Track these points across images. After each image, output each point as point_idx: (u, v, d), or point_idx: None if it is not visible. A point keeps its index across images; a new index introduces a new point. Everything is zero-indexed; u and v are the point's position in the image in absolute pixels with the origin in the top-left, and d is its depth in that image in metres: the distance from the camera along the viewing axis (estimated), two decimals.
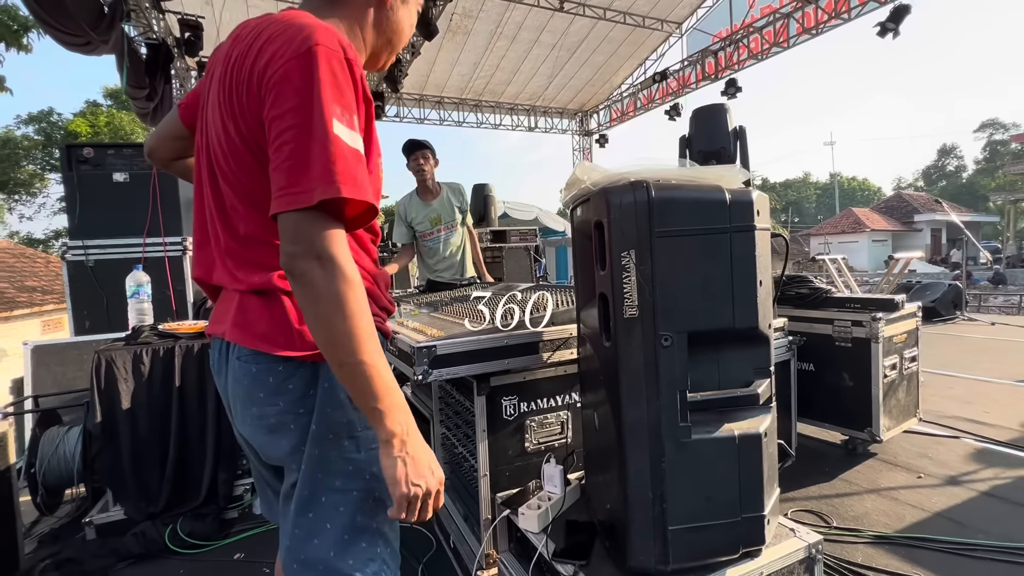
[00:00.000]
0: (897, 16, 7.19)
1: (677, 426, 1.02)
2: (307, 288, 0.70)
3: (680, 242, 1.01)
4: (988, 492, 2.23)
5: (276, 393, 0.82)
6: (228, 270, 0.86)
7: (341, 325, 0.69)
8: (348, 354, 0.70)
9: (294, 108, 0.71)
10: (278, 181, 0.72)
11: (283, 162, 0.71)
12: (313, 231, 0.70)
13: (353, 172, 0.72)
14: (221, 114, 0.80)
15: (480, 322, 1.65)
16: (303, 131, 0.70)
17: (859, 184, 51.28)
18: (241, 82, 0.77)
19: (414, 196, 3.27)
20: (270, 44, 0.74)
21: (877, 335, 2.47)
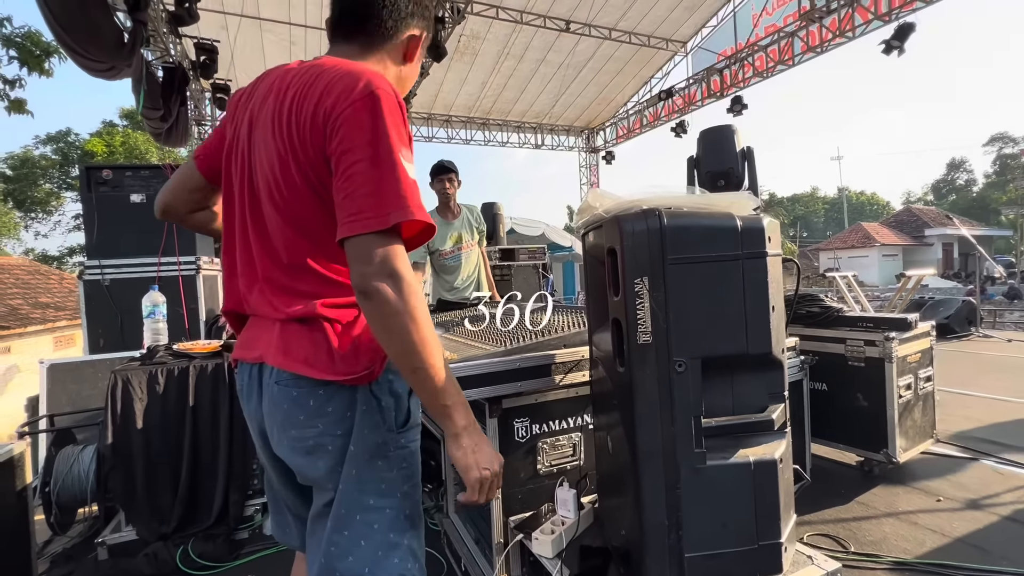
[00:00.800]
0: (902, 34, 7.24)
1: (692, 452, 1.02)
2: (382, 304, 0.76)
3: (693, 269, 1.02)
4: (1010, 517, 2.18)
5: (316, 415, 0.86)
6: (266, 298, 0.91)
7: (415, 335, 0.77)
8: (421, 360, 0.78)
9: (365, 144, 0.79)
10: (350, 207, 0.79)
11: (356, 189, 0.78)
12: (387, 252, 0.77)
13: (418, 198, 0.81)
14: (278, 148, 0.86)
15: (496, 344, 1.66)
16: (375, 163, 0.79)
17: (867, 199, 51.06)
18: (304, 120, 0.83)
19: (435, 215, 3.32)
20: (334, 86, 0.82)
21: (891, 355, 2.45)
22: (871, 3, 7.65)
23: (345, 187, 0.79)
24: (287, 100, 0.86)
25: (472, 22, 9.28)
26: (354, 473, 0.86)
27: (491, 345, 1.64)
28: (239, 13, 8.37)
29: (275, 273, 0.89)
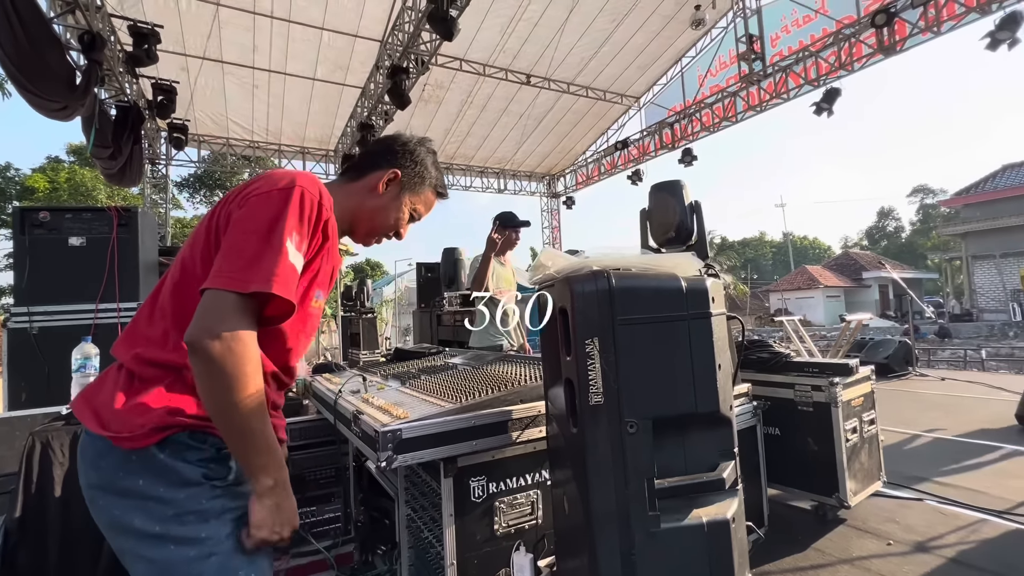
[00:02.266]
0: (830, 97, 7.98)
1: (646, 515, 1.01)
2: (204, 361, 0.82)
3: (641, 329, 1.04)
4: (954, 558, 2.25)
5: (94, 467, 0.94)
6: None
7: (229, 396, 0.83)
8: (232, 421, 0.85)
9: (263, 219, 0.89)
10: (222, 263, 0.86)
11: (234, 250, 0.87)
12: (230, 313, 0.83)
13: (288, 279, 0.88)
14: (204, 225, 0.98)
15: (449, 400, 1.62)
16: (262, 237, 0.87)
17: (810, 243, 54.50)
18: (230, 199, 0.95)
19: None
20: (262, 177, 0.97)
21: (836, 399, 2.55)
22: (802, 70, 8.44)
23: (226, 243, 0.88)
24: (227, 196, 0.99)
25: (436, 72, 9.59)
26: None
27: (447, 400, 1.60)
28: (201, 56, 8.36)
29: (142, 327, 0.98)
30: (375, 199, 1.21)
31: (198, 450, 0.92)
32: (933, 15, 6.72)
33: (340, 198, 1.14)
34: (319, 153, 11.70)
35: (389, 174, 1.21)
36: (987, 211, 22.33)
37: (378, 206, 1.22)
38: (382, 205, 1.22)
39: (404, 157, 1.24)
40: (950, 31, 6.77)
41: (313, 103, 9.98)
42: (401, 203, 1.24)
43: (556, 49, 9.44)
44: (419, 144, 1.30)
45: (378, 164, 1.22)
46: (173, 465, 0.89)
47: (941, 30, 6.79)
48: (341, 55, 8.74)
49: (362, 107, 9.35)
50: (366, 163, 1.23)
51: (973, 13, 6.47)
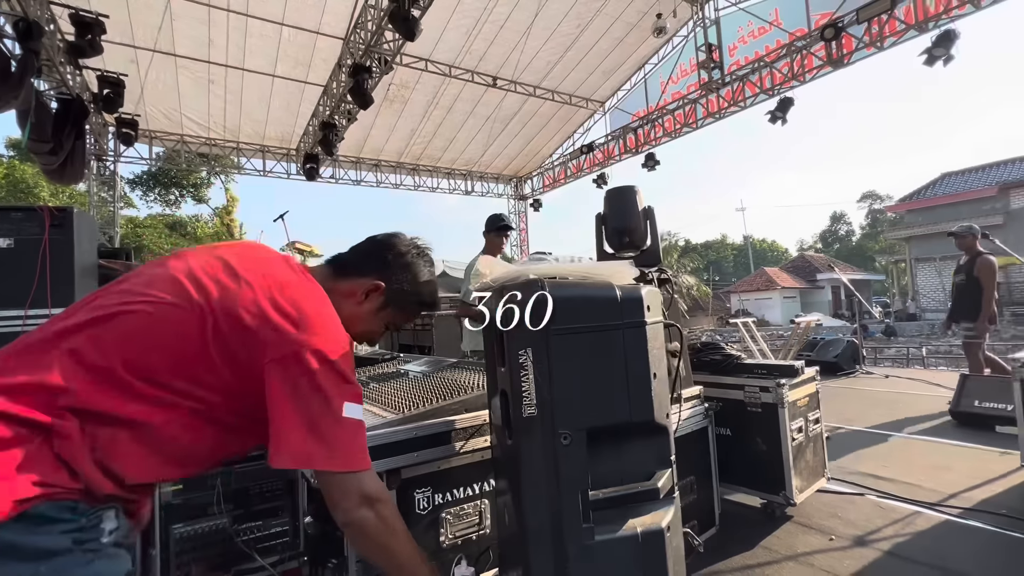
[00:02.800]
0: (783, 106, 8.29)
1: (580, 528, 1.00)
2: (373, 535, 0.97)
3: (575, 339, 1.03)
4: (890, 551, 2.35)
5: None
6: None
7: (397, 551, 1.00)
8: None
9: (314, 392, 0.89)
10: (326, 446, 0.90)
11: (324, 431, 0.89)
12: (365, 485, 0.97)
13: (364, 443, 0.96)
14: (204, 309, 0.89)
15: (393, 410, 1.58)
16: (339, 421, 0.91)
17: (769, 246, 56.54)
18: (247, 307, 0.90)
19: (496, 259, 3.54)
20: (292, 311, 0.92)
21: (783, 400, 2.63)
22: (758, 79, 8.74)
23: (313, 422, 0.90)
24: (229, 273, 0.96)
25: (401, 72, 9.47)
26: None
27: (391, 411, 1.56)
28: (151, 48, 7.98)
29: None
30: (351, 306, 1.11)
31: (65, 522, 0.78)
32: (876, 31, 7.08)
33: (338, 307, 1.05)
34: (280, 152, 11.36)
35: (371, 285, 1.12)
36: (928, 216, 23.69)
37: (352, 315, 1.11)
38: (357, 315, 1.12)
39: (394, 269, 1.15)
40: (892, 46, 7.14)
41: (273, 100, 9.68)
42: (378, 317, 1.16)
43: (522, 52, 9.47)
44: (416, 254, 1.19)
45: (363, 270, 1.13)
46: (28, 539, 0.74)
47: (884, 45, 7.16)
48: (302, 52, 8.51)
49: (324, 105, 9.13)
50: (353, 263, 1.15)
51: (912, 30, 6.84)
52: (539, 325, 1.01)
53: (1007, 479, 3.07)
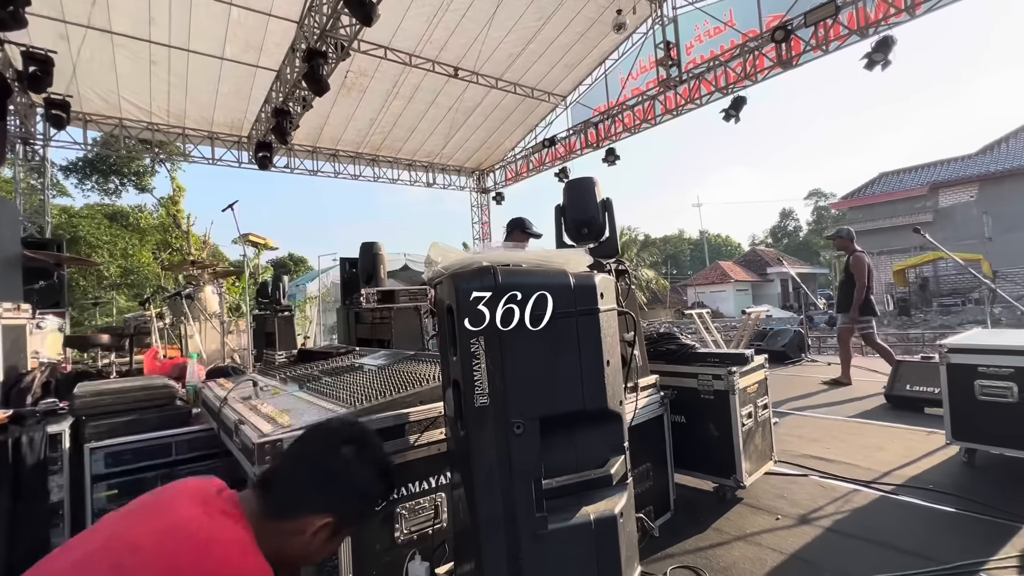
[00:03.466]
0: (736, 105, 8.58)
1: (533, 517, 0.99)
2: None
3: (529, 327, 1.02)
4: (831, 528, 2.48)
5: None
6: None
7: None
8: None
9: None
10: None
11: None
12: None
13: None
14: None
15: (345, 404, 1.53)
16: None
17: (723, 240, 58.61)
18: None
19: None
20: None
21: (734, 387, 2.72)
22: (713, 78, 8.99)
23: None
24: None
25: (359, 59, 9.19)
26: None
27: (342, 405, 1.51)
28: (84, 24, 7.41)
29: None
30: (300, 544, 0.99)
31: None
32: (822, 35, 7.41)
33: (260, 532, 0.94)
34: (230, 139, 10.83)
35: (320, 523, 0.97)
36: (867, 213, 25.16)
37: (304, 551, 1.00)
38: (309, 550, 1.00)
39: (341, 496, 0.99)
40: (836, 50, 7.49)
41: (222, 84, 9.20)
42: (333, 541, 1.03)
43: (483, 43, 9.37)
44: (357, 461, 1.01)
45: (305, 507, 0.97)
46: None
47: (829, 49, 7.50)
48: (253, 34, 8.11)
49: (277, 91, 8.75)
50: (291, 500, 0.99)
51: (855, 35, 7.19)
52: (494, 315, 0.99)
53: (933, 456, 3.30)
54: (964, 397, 3.05)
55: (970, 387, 3.02)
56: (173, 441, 2.14)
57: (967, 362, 3.04)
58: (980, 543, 2.22)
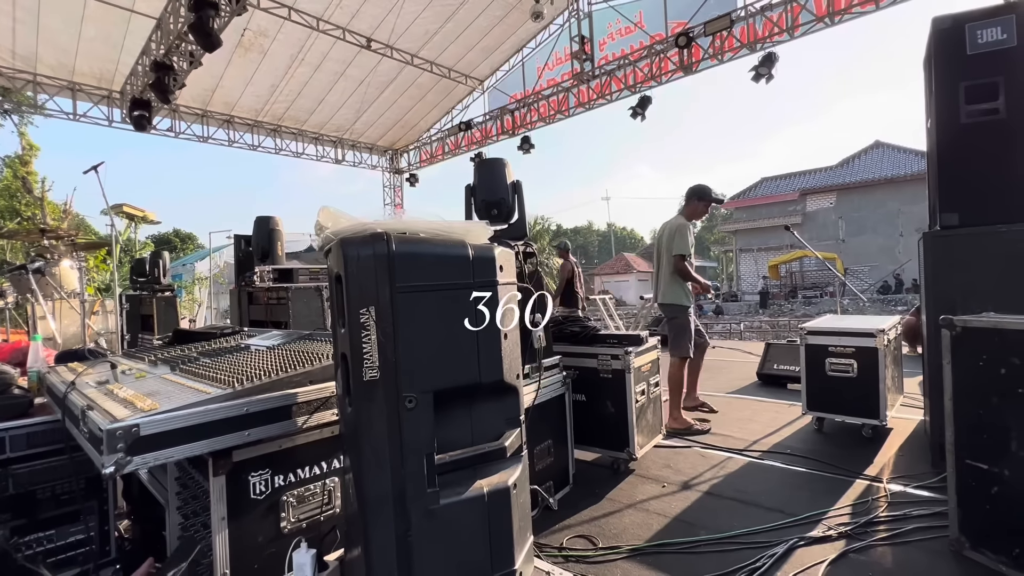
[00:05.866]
0: (643, 103, 9.06)
1: (424, 493, 0.97)
2: None
3: (423, 298, 0.98)
4: (709, 491, 2.75)
5: None
6: None
7: None
8: None
9: None
10: None
11: None
12: None
13: None
14: None
15: (221, 385, 1.38)
16: None
17: (628, 234, 62.26)
18: None
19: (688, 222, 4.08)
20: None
21: (629, 366, 2.89)
22: (623, 75, 9.40)
23: None
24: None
25: (260, 17, 8.37)
26: None
27: (217, 386, 1.36)
28: None
29: None
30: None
31: None
32: (719, 45, 8.03)
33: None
34: (98, 93, 9.38)
35: None
36: (750, 214, 28.05)
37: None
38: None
39: None
40: (730, 60, 8.17)
41: (86, 27, 7.90)
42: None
43: (399, 16, 8.95)
44: None
45: None
46: None
47: (724, 59, 8.16)
48: None
49: (157, 43, 7.68)
50: None
51: (745, 49, 7.89)
52: (383, 282, 0.94)
53: (792, 425, 3.78)
54: (817, 373, 3.51)
55: (822, 364, 3.48)
56: (6, 436, 1.82)
57: (820, 343, 3.49)
58: (824, 496, 2.58)
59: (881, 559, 2.03)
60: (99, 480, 2.04)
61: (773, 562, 2.02)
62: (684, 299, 3.95)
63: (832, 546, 2.12)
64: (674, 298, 3.95)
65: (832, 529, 2.25)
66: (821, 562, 2.00)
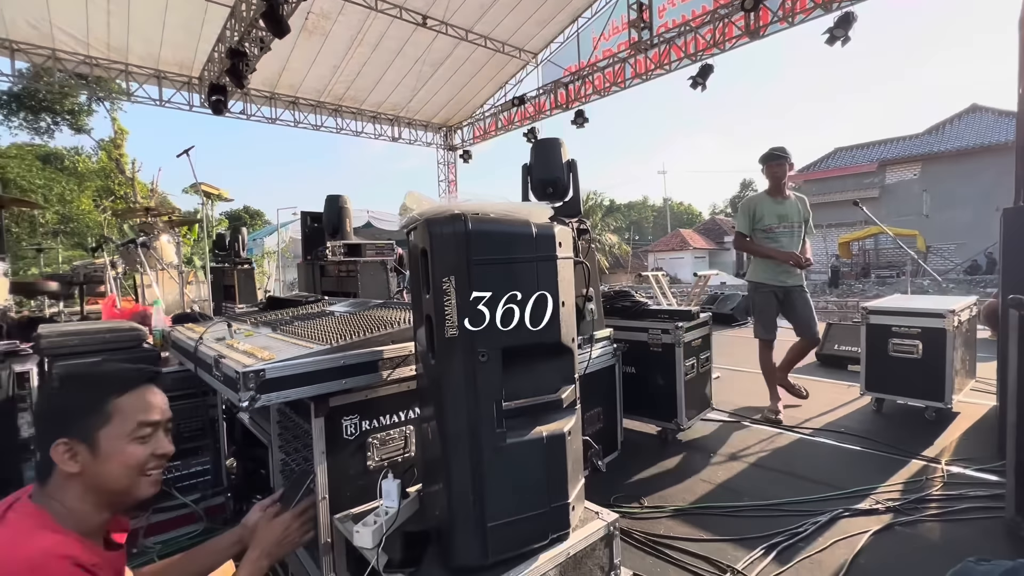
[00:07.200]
0: (704, 72, 8.69)
1: (493, 433, 1.15)
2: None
3: (494, 269, 1.14)
4: (756, 463, 2.82)
5: None
6: None
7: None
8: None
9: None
10: None
11: None
12: None
13: None
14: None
15: (320, 342, 1.63)
16: None
17: (685, 208, 59.98)
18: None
19: (764, 195, 3.69)
20: None
21: (679, 341, 2.97)
22: (683, 43, 9.03)
23: None
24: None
25: (321, 1, 8.70)
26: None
27: (317, 343, 1.61)
28: None
29: None
30: (74, 482, 0.96)
31: None
32: (789, 6, 7.54)
33: (51, 504, 0.94)
34: (179, 79, 10.13)
35: (58, 453, 0.95)
36: (821, 187, 26.24)
37: (89, 484, 0.97)
38: (90, 480, 0.97)
39: (61, 420, 0.97)
40: (801, 23, 7.66)
41: (169, 17, 8.53)
42: (91, 457, 0.97)
43: None
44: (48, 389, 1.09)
45: (45, 454, 0.96)
46: None
47: (795, 21, 7.66)
48: None
49: (232, 30, 8.20)
50: (39, 459, 0.98)
51: (819, 9, 7.37)
52: (461, 255, 1.11)
53: (849, 406, 3.73)
54: (878, 353, 3.43)
55: (884, 344, 3.40)
56: None
57: (883, 322, 3.40)
58: (876, 474, 2.59)
59: (928, 533, 2.06)
60: (213, 423, 2.41)
61: (816, 529, 2.10)
62: (758, 275, 3.65)
63: (878, 519, 2.17)
64: (750, 275, 3.74)
65: (880, 503, 2.28)
66: (864, 532, 2.05)
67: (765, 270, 3.60)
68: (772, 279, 3.58)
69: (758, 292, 3.66)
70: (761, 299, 3.64)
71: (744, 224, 3.68)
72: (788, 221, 3.58)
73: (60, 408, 0.99)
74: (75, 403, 0.99)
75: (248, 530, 1.27)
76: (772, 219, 3.58)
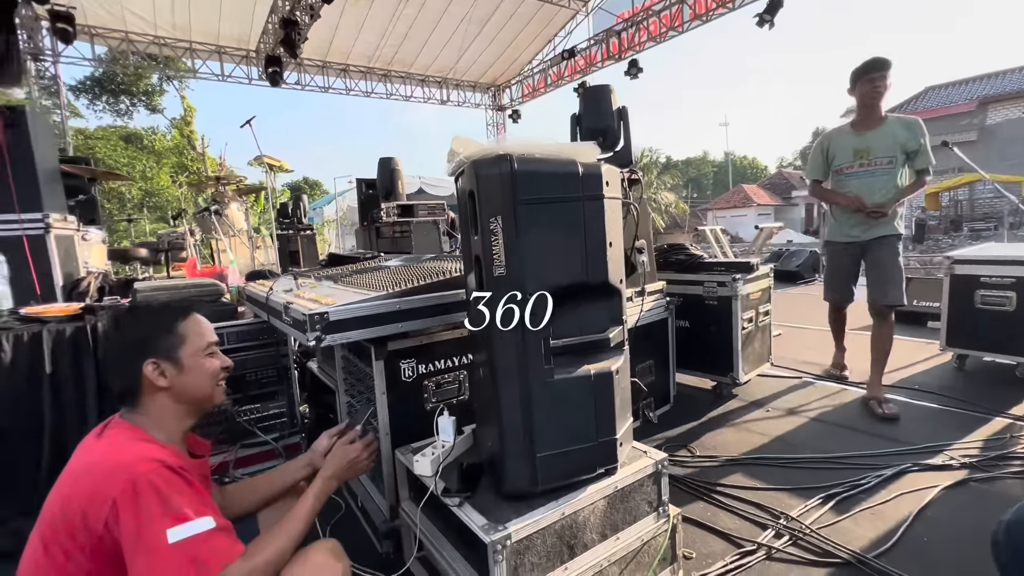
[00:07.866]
0: (772, 8, 7.94)
1: (541, 368, 1.19)
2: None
3: (540, 208, 1.15)
4: (815, 418, 2.73)
5: None
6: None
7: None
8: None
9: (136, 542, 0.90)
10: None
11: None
12: None
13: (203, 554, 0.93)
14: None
15: (377, 290, 1.72)
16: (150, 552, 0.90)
17: (749, 163, 56.26)
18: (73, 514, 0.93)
19: (846, 127, 2.93)
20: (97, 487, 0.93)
21: (737, 293, 2.87)
22: None
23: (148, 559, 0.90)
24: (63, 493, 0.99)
25: None
26: None
27: (374, 291, 1.70)
28: None
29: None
30: (166, 395, 1.11)
31: None
32: None
33: (144, 421, 1.09)
34: (238, 54, 10.51)
35: (146, 380, 1.09)
36: None
37: (181, 397, 1.13)
38: (182, 392, 1.12)
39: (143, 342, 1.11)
40: None
41: None
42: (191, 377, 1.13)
43: None
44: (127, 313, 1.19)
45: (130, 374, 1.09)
46: None
47: None
48: None
49: (283, 0, 8.35)
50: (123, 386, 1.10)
51: None
52: (508, 196, 1.13)
53: (926, 363, 3.49)
54: (963, 306, 3.16)
55: (971, 296, 3.12)
56: (224, 332, 2.41)
57: (970, 272, 3.12)
58: (951, 431, 2.44)
59: (1007, 490, 1.94)
60: (287, 370, 2.63)
61: (879, 481, 2.03)
62: (829, 230, 3.09)
63: (951, 474, 2.06)
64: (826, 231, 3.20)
65: (955, 459, 2.16)
66: (934, 486, 1.96)
67: (835, 222, 3.00)
68: (839, 234, 2.96)
69: (826, 249, 3.18)
70: (829, 257, 3.15)
71: (817, 167, 3.03)
72: (869, 157, 2.80)
73: (139, 336, 1.13)
74: (151, 330, 1.14)
75: (317, 455, 1.40)
76: (846, 157, 2.86)
